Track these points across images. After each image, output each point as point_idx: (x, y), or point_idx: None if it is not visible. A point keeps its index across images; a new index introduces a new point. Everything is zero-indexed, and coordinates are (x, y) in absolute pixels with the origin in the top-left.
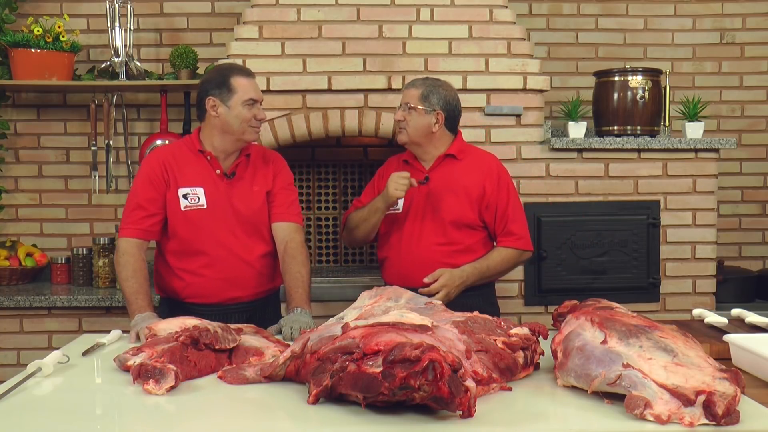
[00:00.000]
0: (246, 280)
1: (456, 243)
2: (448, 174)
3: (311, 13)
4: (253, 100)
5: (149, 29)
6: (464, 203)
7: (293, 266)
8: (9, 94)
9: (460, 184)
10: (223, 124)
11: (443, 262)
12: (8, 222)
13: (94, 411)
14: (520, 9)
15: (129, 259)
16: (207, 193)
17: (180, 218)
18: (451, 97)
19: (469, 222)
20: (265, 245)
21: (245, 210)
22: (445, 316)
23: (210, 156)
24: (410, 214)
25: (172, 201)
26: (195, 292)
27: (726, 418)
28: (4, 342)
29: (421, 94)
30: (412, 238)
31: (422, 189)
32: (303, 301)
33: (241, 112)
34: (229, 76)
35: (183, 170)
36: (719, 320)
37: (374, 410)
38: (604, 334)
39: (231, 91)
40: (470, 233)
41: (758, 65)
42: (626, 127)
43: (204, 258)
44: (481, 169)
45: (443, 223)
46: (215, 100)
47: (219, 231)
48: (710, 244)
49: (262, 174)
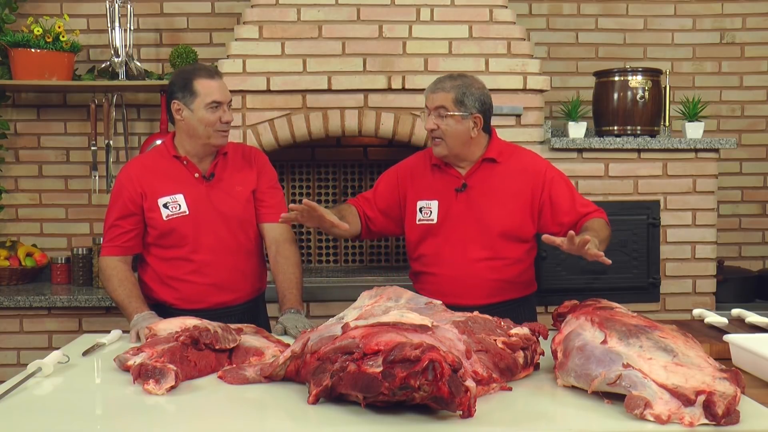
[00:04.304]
0: (234, 284)
1: (504, 257)
2: (489, 179)
3: (311, 13)
4: (217, 103)
5: (149, 29)
6: (512, 211)
7: (287, 267)
8: (9, 94)
9: (505, 190)
10: (188, 128)
11: (491, 278)
12: (8, 222)
13: (94, 411)
14: (520, 9)
15: (112, 272)
16: (188, 199)
17: (163, 228)
18: (485, 96)
19: (519, 232)
20: (252, 245)
21: (229, 211)
22: (445, 316)
23: (186, 160)
24: (447, 225)
25: (151, 211)
26: (183, 298)
27: (726, 418)
28: (4, 342)
29: (455, 98)
30: (454, 253)
31: (460, 197)
32: (297, 302)
33: (204, 116)
34: (192, 78)
35: (159, 179)
36: (719, 320)
37: (374, 410)
38: (604, 334)
39: (194, 94)
40: (518, 245)
41: (758, 65)
42: (626, 127)
43: (190, 264)
44: (525, 171)
45: (490, 235)
46: (179, 103)
47: (203, 236)
48: (710, 244)
49: (244, 173)
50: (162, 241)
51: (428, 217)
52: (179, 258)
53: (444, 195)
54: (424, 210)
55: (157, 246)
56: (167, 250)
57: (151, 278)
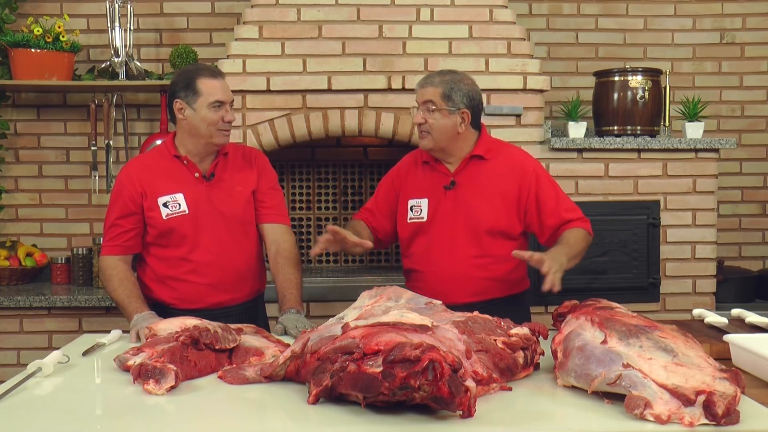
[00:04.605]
0: (232, 284)
1: (492, 254)
2: (477, 177)
3: (311, 13)
4: (220, 102)
5: (149, 29)
6: (499, 209)
7: (287, 268)
8: (9, 94)
9: (493, 187)
10: (190, 128)
11: (480, 276)
12: (8, 222)
13: (94, 411)
14: (520, 9)
15: (112, 271)
16: (187, 198)
17: (162, 227)
18: (474, 92)
19: (507, 230)
20: (251, 246)
21: (228, 211)
22: (445, 316)
23: (186, 160)
24: (436, 222)
25: (151, 210)
26: (182, 298)
27: (726, 418)
28: (4, 342)
29: (442, 93)
30: (443, 250)
31: (449, 195)
32: (297, 302)
33: (207, 115)
34: (195, 77)
35: (159, 178)
36: (719, 320)
37: (374, 410)
38: (604, 334)
39: (196, 93)
40: (506, 242)
41: (758, 65)
42: (626, 127)
43: (189, 264)
44: (513, 169)
45: (478, 232)
46: (182, 102)
47: (202, 235)
48: (710, 244)
49: (244, 173)
50: (161, 240)
51: (419, 215)
52: (178, 258)
53: (433, 193)
54: (415, 208)
55: (156, 245)
56: (166, 249)
57: (149, 278)
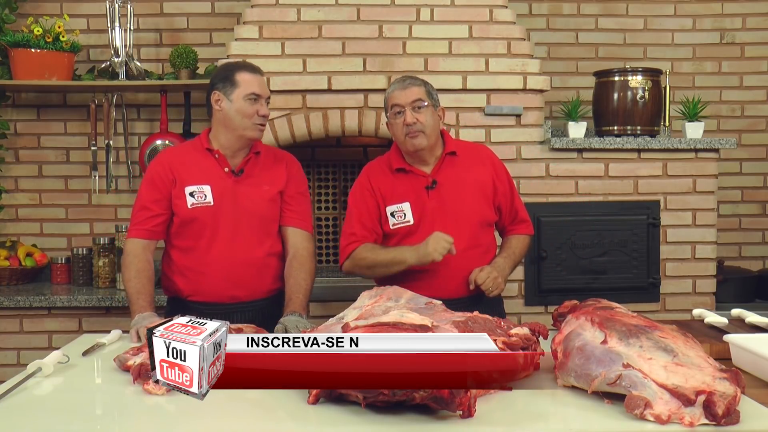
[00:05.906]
0: (248, 280)
1: (482, 244)
2: (454, 173)
3: (311, 13)
4: (256, 95)
5: (149, 29)
6: (481, 200)
7: (300, 274)
8: (9, 94)
9: (472, 181)
10: (225, 119)
11: (474, 267)
12: (8, 222)
13: (94, 411)
14: (520, 9)
15: (133, 259)
16: (214, 191)
17: (186, 216)
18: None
19: (490, 219)
20: (272, 244)
21: (252, 207)
22: (445, 316)
23: (218, 154)
24: (425, 223)
25: (178, 198)
26: (197, 290)
27: (726, 418)
28: (4, 342)
29: (426, 92)
30: None
31: (432, 195)
32: (301, 306)
33: (242, 107)
34: (235, 71)
35: (190, 169)
36: (719, 320)
37: (374, 410)
38: (604, 334)
39: (234, 85)
40: (489, 230)
41: (758, 65)
42: (626, 127)
43: (207, 256)
44: (482, 162)
45: (471, 225)
46: (219, 94)
47: (223, 229)
48: (710, 244)
49: (273, 172)
50: (183, 230)
51: (403, 219)
52: (196, 248)
53: (415, 196)
54: (397, 214)
55: (177, 235)
56: (186, 239)
57: (171, 270)
